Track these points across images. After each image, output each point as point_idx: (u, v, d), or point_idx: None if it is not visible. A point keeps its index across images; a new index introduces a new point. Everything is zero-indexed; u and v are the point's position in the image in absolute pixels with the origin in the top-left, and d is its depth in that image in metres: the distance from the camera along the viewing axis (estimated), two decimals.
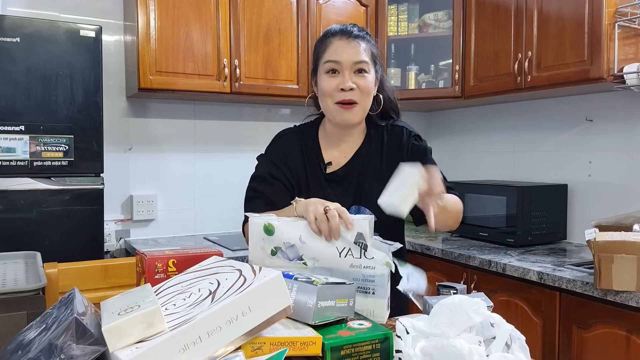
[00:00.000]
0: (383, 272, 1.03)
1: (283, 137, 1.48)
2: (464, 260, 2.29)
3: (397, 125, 1.43)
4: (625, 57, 2.11)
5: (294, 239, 1.07)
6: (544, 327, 1.98)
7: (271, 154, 1.46)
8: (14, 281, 1.02)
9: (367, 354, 0.82)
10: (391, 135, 1.42)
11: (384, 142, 1.42)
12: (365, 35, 1.36)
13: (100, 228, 2.11)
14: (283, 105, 3.04)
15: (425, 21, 2.94)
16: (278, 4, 2.66)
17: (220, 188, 2.90)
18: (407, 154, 1.39)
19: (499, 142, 3.00)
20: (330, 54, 1.33)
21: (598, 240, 1.69)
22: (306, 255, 1.07)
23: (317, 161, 1.42)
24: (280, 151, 1.44)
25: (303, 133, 1.47)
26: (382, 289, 1.03)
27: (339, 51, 1.32)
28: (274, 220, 1.09)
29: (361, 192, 1.38)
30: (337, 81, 1.32)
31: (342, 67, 1.31)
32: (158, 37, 2.39)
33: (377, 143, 1.42)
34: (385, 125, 1.43)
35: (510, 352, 0.80)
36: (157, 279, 1.03)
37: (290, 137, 1.47)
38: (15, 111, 1.94)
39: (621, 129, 2.38)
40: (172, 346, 0.67)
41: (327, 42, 1.34)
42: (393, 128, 1.43)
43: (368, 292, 1.03)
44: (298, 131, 1.48)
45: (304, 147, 1.44)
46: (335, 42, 1.33)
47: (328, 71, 1.33)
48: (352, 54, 1.31)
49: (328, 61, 1.32)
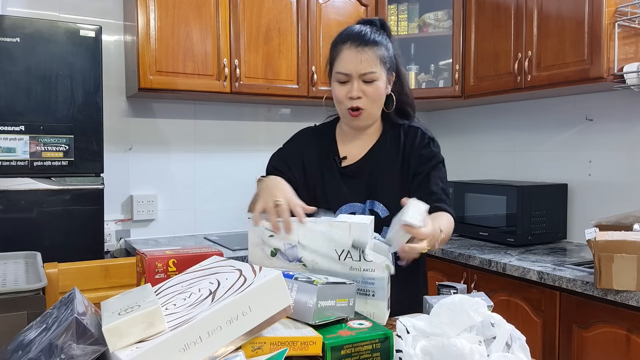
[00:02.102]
0: (382, 275, 1.02)
1: (301, 133, 1.55)
2: (464, 260, 2.29)
3: (414, 127, 1.46)
4: (625, 56, 2.11)
5: (294, 240, 1.08)
6: (544, 327, 1.98)
7: (284, 149, 1.53)
8: (14, 281, 1.03)
9: (367, 353, 0.82)
10: (407, 134, 1.45)
11: (400, 141, 1.45)
12: (377, 38, 1.37)
13: (101, 228, 2.11)
14: (283, 105, 3.04)
15: (425, 21, 2.94)
16: (278, 3, 2.66)
17: (220, 188, 2.90)
18: (418, 155, 1.42)
19: (499, 142, 3.00)
20: (339, 66, 1.37)
21: (598, 240, 1.69)
22: (305, 258, 1.07)
23: (332, 156, 1.47)
24: (295, 147, 1.51)
25: (320, 130, 1.54)
26: (382, 291, 1.03)
27: (347, 63, 1.35)
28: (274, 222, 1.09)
29: (375, 187, 1.41)
30: (347, 89, 1.37)
31: (351, 77, 1.36)
32: (158, 37, 2.39)
33: (393, 141, 1.45)
34: (403, 124, 1.47)
35: (510, 352, 0.80)
36: (157, 278, 1.03)
37: (307, 133, 1.55)
38: (15, 111, 1.94)
39: (621, 128, 2.38)
40: (172, 346, 0.67)
41: (338, 50, 1.38)
42: (410, 129, 1.46)
43: (368, 294, 1.03)
44: (316, 129, 1.56)
45: (320, 142, 1.50)
46: (345, 51, 1.36)
47: (338, 80, 1.39)
48: (359, 65, 1.34)
49: (338, 72, 1.38)
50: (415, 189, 1.38)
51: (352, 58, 1.35)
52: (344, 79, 1.37)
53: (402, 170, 1.43)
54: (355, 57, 1.34)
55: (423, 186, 1.38)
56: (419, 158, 1.41)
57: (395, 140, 1.45)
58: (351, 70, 1.35)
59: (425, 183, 1.38)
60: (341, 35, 1.41)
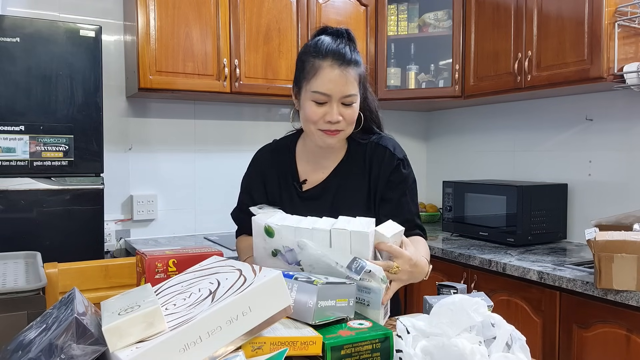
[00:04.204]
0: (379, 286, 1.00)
1: (258, 155, 1.50)
2: (464, 260, 2.29)
3: (382, 145, 1.38)
4: (625, 56, 2.11)
5: (292, 244, 1.07)
6: (544, 327, 1.98)
7: (247, 178, 1.49)
8: (14, 281, 1.02)
9: (367, 353, 0.82)
10: (374, 153, 1.37)
11: (365, 160, 1.38)
12: (356, 57, 1.29)
13: (101, 228, 2.11)
14: (283, 105, 3.03)
15: (425, 21, 2.94)
16: (278, 3, 2.66)
17: (220, 188, 2.89)
18: (386, 180, 1.35)
19: (499, 142, 3.00)
20: (319, 85, 1.25)
21: (598, 240, 1.69)
22: (304, 262, 1.06)
23: (291, 179, 1.41)
24: (256, 170, 1.46)
25: (278, 150, 1.46)
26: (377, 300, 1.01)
27: (329, 83, 1.24)
28: (274, 224, 1.09)
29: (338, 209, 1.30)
30: (324, 110, 1.26)
31: (331, 99, 1.26)
32: (158, 37, 2.38)
33: (357, 159, 1.39)
34: (369, 142, 1.39)
35: (511, 352, 0.80)
36: (157, 278, 1.04)
37: (264, 154, 1.48)
38: (15, 111, 1.94)
39: (621, 128, 2.38)
40: (172, 346, 0.67)
41: (317, 66, 1.26)
42: (377, 147, 1.38)
43: (363, 303, 1.01)
44: (273, 148, 1.48)
45: (278, 164, 1.43)
46: (327, 69, 1.25)
47: (315, 100, 1.27)
48: (342, 86, 1.25)
49: (317, 92, 1.26)
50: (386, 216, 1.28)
51: (335, 79, 1.24)
52: (322, 99, 1.25)
53: (369, 192, 1.36)
54: (339, 78, 1.24)
55: (396, 213, 1.31)
56: (387, 184, 1.35)
57: (361, 158, 1.38)
58: (333, 91, 1.24)
59: (397, 210, 1.33)
60: (317, 48, 1.28)
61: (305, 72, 1.29)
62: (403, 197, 1.35)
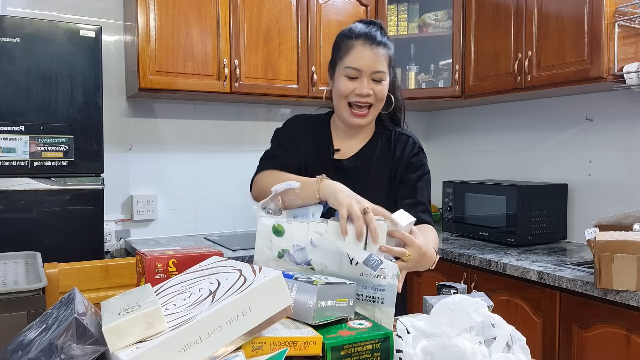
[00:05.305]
0: (393, 282, 1.00)
1: (296, 119, 1.54)
2: (464, 260, 2.29)
3: (405, 134, 1.48)
4: (625, 56, 2.11)
5: (304, 242, 1.05)
6: (544, 327, 1.98)
7: (281, 134, 1.51)
8: (14, 281, 1.02)
9: (367, 353, 0.82)
10: (398, 140, 1.47)
11: (390, 144, 1.47)
12: (386, 41, 1.38)
13: (101, 228, 2.11)
14: (283, 105, 3.04)
15: (425, 21, 2.94)
16: (278, 3, 2.66)
17: (220, 188, 2.90)
18: (407, 162, 1.44)
19: (499, 142, 3.00)
20: (351, 60, 1.36)
21: (598, 240, 1.69)
22: (315, 260, 1.04)
23: (326, 145, 1.47)
24: (290, 132, 1.50)
25: (316, 119, 1.54)
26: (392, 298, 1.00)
27: (360, 59, 1.35)
28: (284, 222, 1.07)
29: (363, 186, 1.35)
30: (355, 85, 1.36)
31: (362, 74, 1.35)
32: (158, 37, 2.39)
33: (384, 144, 1.47)
34: (394, 130, 1.49)
35: (511, 352, 0.80)
36: (157, 279, 1.03)
37: (303, 119, 1.53)
38: (15, 111, 1.94)
39: (621, 128, 2.38)
40: (172, 346, 0.67)
41: (350, 45, 1.36)
42: (401, 135, 1.48)
43: (377, 301, 1.00)
44: (311, 117, 1.55)
45: (316, 130, 1.50)
46: (359, 47, 1.35)
47: (347, 75, 1.37)
48: (372, 62, 1.34)
49: (349, 67, 1.36)
50: (402, 197, 1.39)
51: (366, 55, 1.34)
52: (354, 74, 1.36)
53: (391, 174, 1.44)
54: (369, 54, 1.34)
55: (410, 194, 1.39)
56: (407, 166, 1.43)
57: (387, 143, 1.47)
58: (364, 66, 1.34)
59: (412, 192, 1.40)
60: (351, 31, 1.39)
61: (340, 52, 1.39)
62: (419, 182, 1.42)
